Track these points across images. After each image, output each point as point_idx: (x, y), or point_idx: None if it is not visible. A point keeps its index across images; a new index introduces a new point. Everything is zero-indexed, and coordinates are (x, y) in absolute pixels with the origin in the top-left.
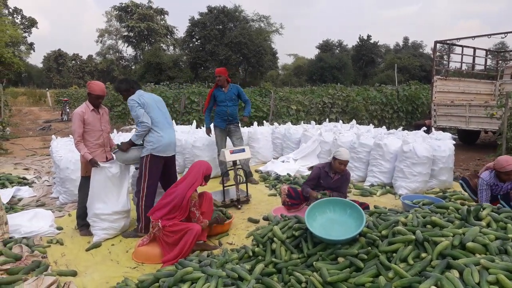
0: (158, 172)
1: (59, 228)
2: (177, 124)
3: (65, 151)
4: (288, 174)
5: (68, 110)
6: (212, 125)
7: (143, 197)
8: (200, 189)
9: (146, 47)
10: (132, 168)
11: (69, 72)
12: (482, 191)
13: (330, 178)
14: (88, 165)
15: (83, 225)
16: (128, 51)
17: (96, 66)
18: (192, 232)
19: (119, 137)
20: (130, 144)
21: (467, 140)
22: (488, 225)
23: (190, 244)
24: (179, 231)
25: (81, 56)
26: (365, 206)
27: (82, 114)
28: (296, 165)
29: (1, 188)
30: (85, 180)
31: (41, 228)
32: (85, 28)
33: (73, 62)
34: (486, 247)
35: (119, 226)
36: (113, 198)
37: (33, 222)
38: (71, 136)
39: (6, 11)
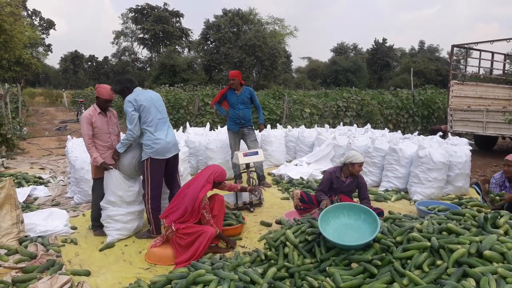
0: (160, 174)
1: (74, 228)
2: (190, 126)
3: (80, 151)
4: (301, 177)
5: (83, 111)
6: (226, 127)
7: (148, 200)
8: (212, 191)
9: (161, 49)
10: None
11: (85, 73)
12: (492, 189)
13: (342, 182)
14: (98, 168)
15: (98, 226)
16: (143, 53)
17: (112, 68)
18: (206, 234)
19: None
20: (116, 153)
21: (484, 146)
22: (506, 233)
23: (204, 246)
24: (193, 234)
25: (97, 58)
26: (379, 212)
27: (89, 117)
28: (309, 168)
29: (18, 187)
30: (96, 182)
31: (56, 227)
32: (101, 29)
33: (89, 63)
34: (504, 256)
35: (133, 227)
36: (126, 198)
37: (48, 221)
38: None
39: (25, 13)
